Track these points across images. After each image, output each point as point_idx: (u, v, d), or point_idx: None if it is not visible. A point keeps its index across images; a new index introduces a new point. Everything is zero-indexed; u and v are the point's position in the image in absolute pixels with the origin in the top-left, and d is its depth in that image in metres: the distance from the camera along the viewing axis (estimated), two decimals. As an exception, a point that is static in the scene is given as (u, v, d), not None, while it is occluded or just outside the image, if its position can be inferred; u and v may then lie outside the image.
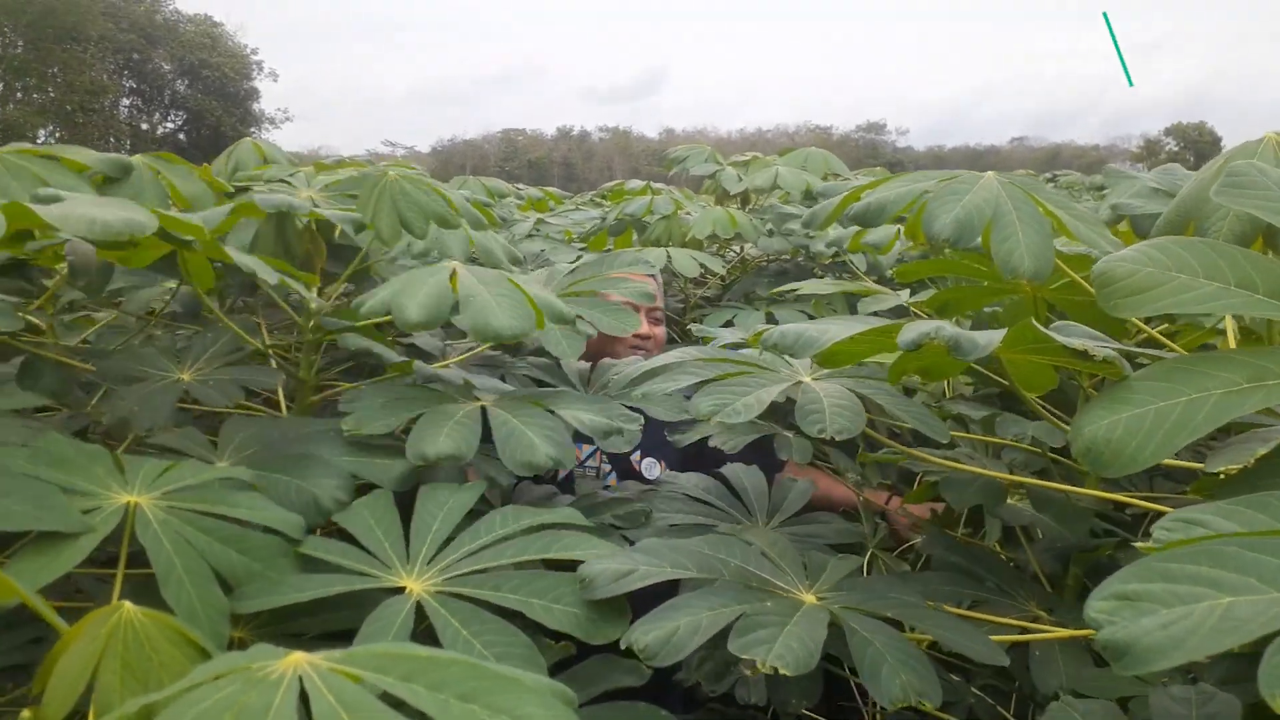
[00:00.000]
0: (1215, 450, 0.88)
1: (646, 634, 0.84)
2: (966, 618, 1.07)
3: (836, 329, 0.94)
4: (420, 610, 0.96)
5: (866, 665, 0.89)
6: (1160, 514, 1.41)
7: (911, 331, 0.85)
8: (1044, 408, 1.23)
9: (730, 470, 1.46)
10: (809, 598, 0.98)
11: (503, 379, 1.69)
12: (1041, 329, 0.85)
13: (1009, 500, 1.48)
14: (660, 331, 2.33)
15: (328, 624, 1.04)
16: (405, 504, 1.16)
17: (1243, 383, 0.75)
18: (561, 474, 2.11)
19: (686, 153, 3.74)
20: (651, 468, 2.23)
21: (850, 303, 2.70)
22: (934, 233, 1.02)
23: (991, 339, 0.84)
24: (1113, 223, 1.54)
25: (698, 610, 0.87)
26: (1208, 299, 0.81)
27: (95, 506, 0.94)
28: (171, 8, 48.91)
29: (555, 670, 0.96)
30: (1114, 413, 0.78)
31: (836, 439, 1.02)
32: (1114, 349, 0.86)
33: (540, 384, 1.77)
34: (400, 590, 1.00)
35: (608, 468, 2.18)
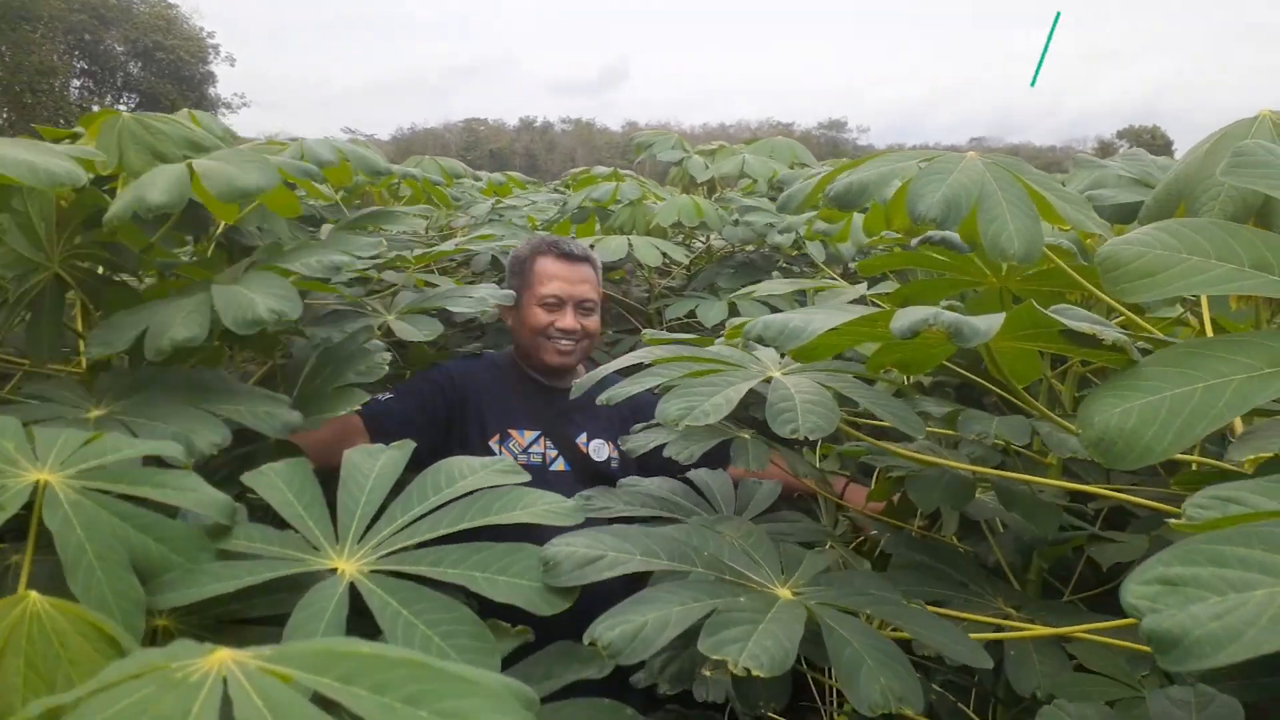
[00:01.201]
0: (1241, 439, 0.84)
1: (611, 629, 0.78)
2: (943, 616, 1.03)
3: (821, 318, 0.88)
4: (355, 592, 0.89)
5: (844, 666, 0.83)
6: (1126, 506, 1.40)
7: (906, 318, 0.80)
8: (1008, 398, 1.20)
9: (695, 474, 1.40)
10: (785, 592, 0.93)
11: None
12: (1045, 311, 0.80)
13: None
14: (592, 324, 2.24)
15: (262, 608, 0.96)
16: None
17: (1264, 367, 0.70)
18: None
19: (653, 139, 3.68)
20: (600, 449, 2.16)
21: (803, 301, 2.65)
22: (919, 213, 0.96)
23: (992, 323, 0.79)
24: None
25: (667, 604, 0.81)
26: (1222, 280, 0.77)
27: (0, 486, 0.86)
28: (125, -12, 47.68)
29: (511, 659, 0.90)
30: (1125, 400, 0.73)
31: (810, 439, 0.97)
32: (1120, 333, 0.82)
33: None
34: (332, 572, 0.93)
35: (554, 453, 2.11)
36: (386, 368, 1.51)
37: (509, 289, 2.20)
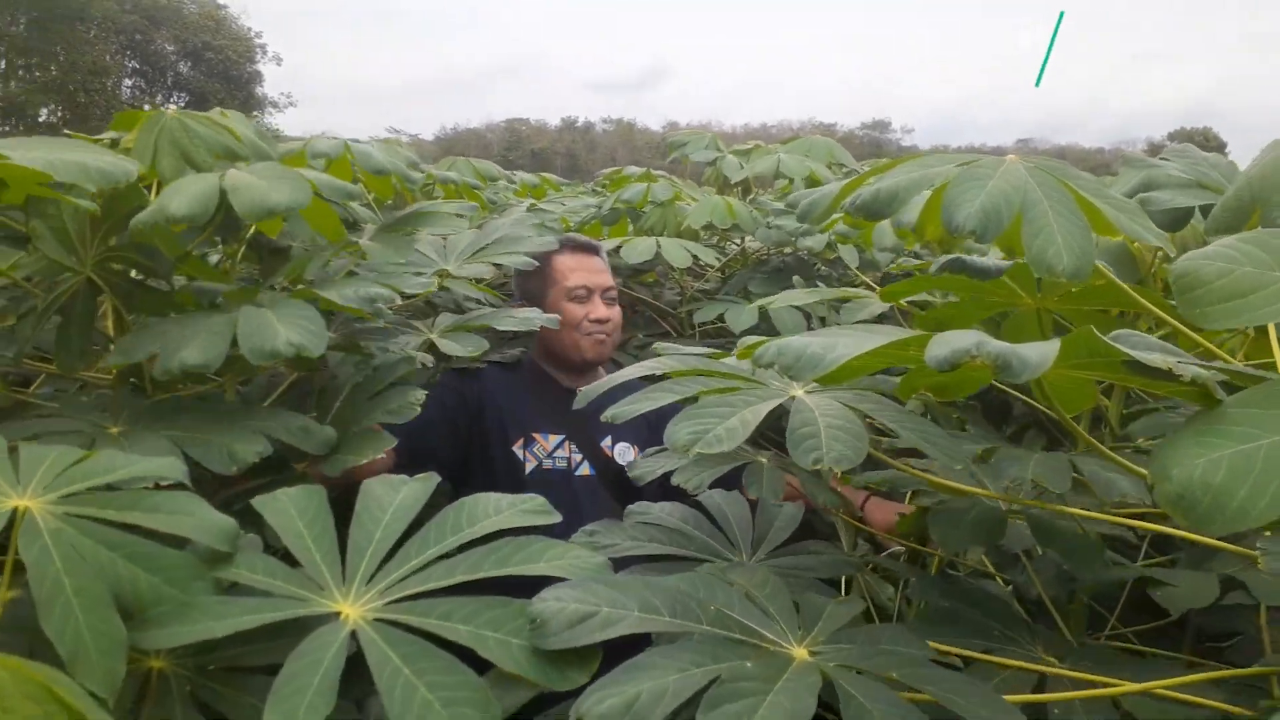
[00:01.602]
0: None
1: (601, 702, 0.70)
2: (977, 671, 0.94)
3: (846, 343, 0.79)
4: (357, 639, 0.83)
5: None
6: (1185, 540, 1.29)
7: (945, 347, 0.71)
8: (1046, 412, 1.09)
9: (709, 498, 1.30)
10: (800, 652, 0.84)
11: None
12: (1106, 340, 0.71)
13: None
14: (617, 313, 2.23)
15: (264, 655, 0.90)
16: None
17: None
18: (529, 468, 2.01)
19: (687, 138, 3.60)
20: (625, 453, 2.12)
21: (834, 308, 2.55)
22: (956, 224, 0.88)
23: (1045, 355, 0.69)
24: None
25: (664, 671, 0.72)
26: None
27: (-25, 512, 0.81)
28: (175, -11, 48.57)
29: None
30: (1211, 448, 0.63)
31: (836, 470, 0.88)
32: (1200, 366, 0.72)
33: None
34: (335, 616, 0.86)
35: (579, 457, 2.05)
36: (419, 409, 1.46)
37: (525, 294, 2.18)
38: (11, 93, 39.79)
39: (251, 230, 1.85)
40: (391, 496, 0.98)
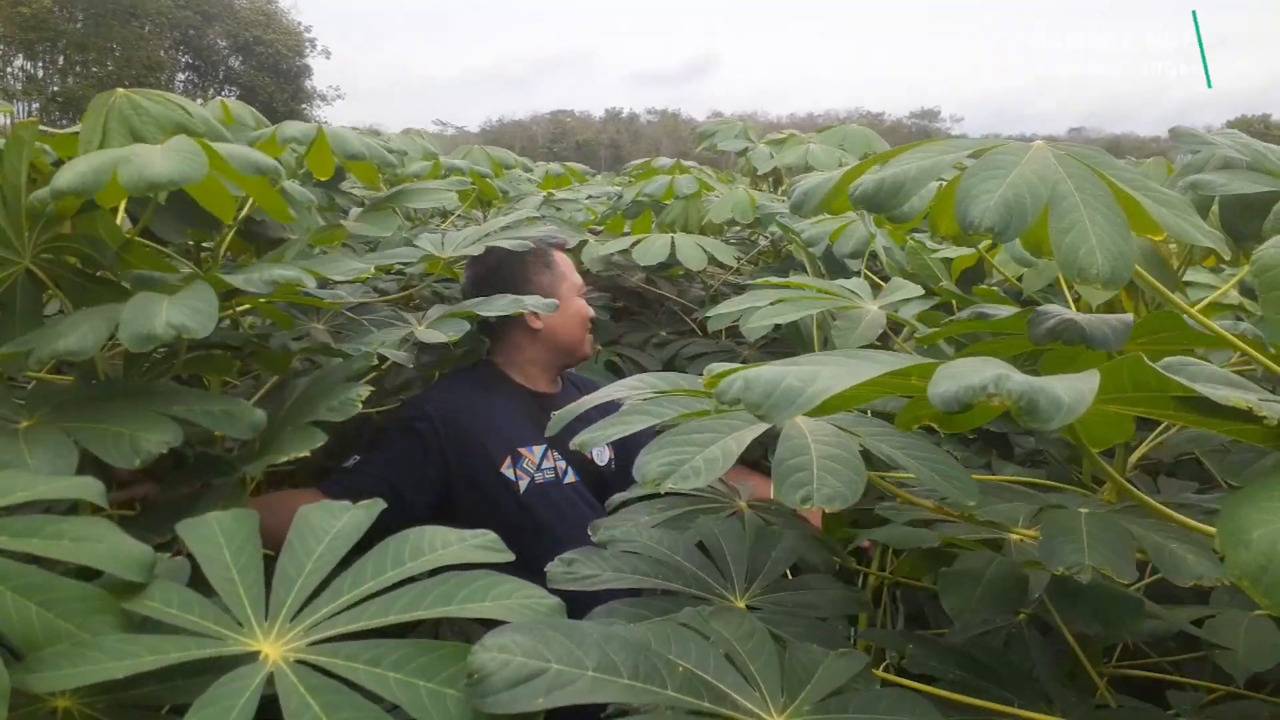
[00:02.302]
0: None
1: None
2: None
3: (829, 374, 0.66)
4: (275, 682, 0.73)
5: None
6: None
7: (953, 383, 0.58)
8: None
9: (702, 524, 1.18)
10: (777, 731, 0.71)
11: None
12: (1159, 370, 0.58)
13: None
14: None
15: (184, 693, 0.80)
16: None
17: None
18: (523, 486, 1.89)
19: (715, 128, 3.47)
20: (601, 453, 2.03)
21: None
22: (971, 220, 0.75)
23: (1081, 394, 0.57)
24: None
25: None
26: None
27: None
28: (228, -15, 49.43)
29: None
30: None
31: (827, 509, 0.76)
32: None
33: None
34: (254, 656, 0.76)
35: (564, 464, 1.94)
36: (359, 406, 1.32)
37: (538, 286, 2.03)
38: (69, 88, 40.80)
39: (244, 214, 1.77)
40: (329, 525, 0.88)
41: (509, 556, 0.86)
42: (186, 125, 1.40)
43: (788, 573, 1.17)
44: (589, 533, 1.36)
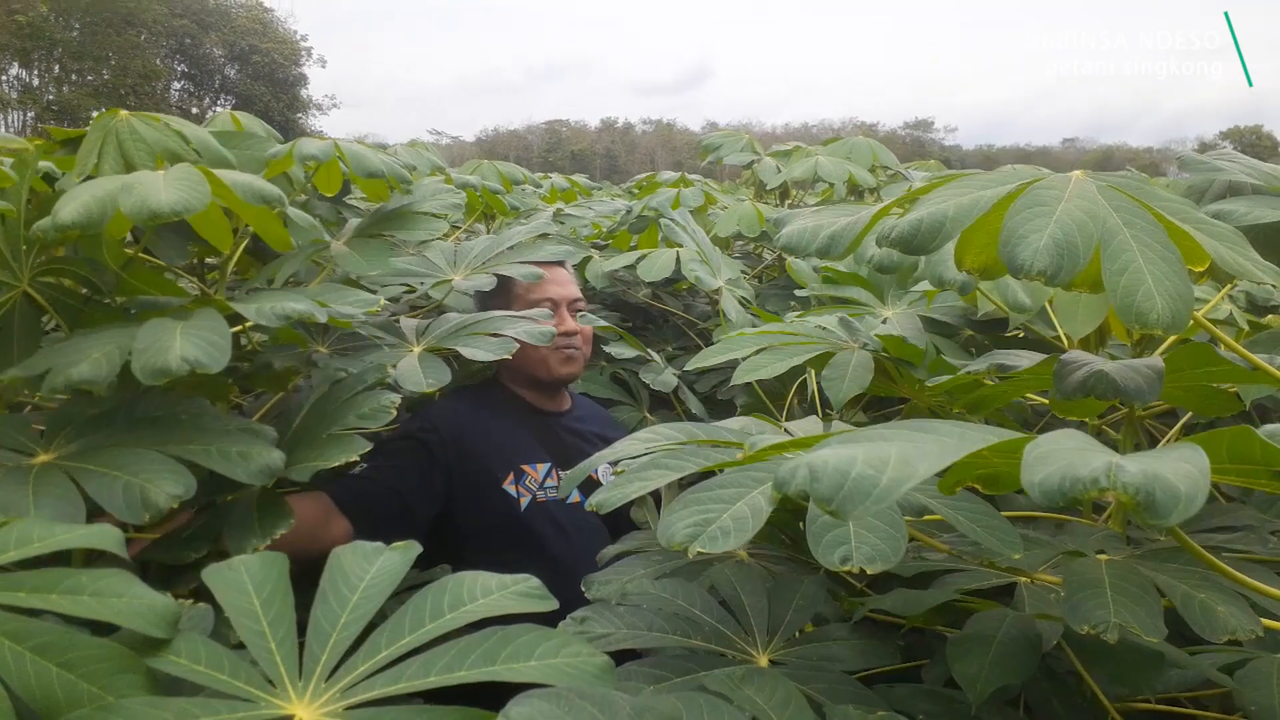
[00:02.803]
0: None
1: None
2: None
3: (900, 456, 0.57)
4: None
5: None
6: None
7: (1055, 473, 0.51)
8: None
9: (719, 573, 1.13)
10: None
11: None
12: (1270, 443, 0.54)
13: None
14: (587, 327, 2.09)
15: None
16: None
17: None
18: (524, 503, 1.87)
19: (721, 140, 3.44)
20: (606, 473, 1.95)
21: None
22: (1021, 262, 0.71)
23: (1197, 484, 0.51)
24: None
25: None
26: None
27: None
28: (224, -6, 49.48)
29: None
30: None
31: (869, 571, 0.73)
32: None
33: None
34: None
35: None
36: (394, 411, 1.32)
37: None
38: (64, 97, 40.75)
39: (246, 240, 1.75)
40: (363, 569, 0.84)
41: (552, 604, 0.83)
42: (178, 153, 1.38)
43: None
44: (596, 560, 1.34)
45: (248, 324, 1.54)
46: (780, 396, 2.08)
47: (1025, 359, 0.99)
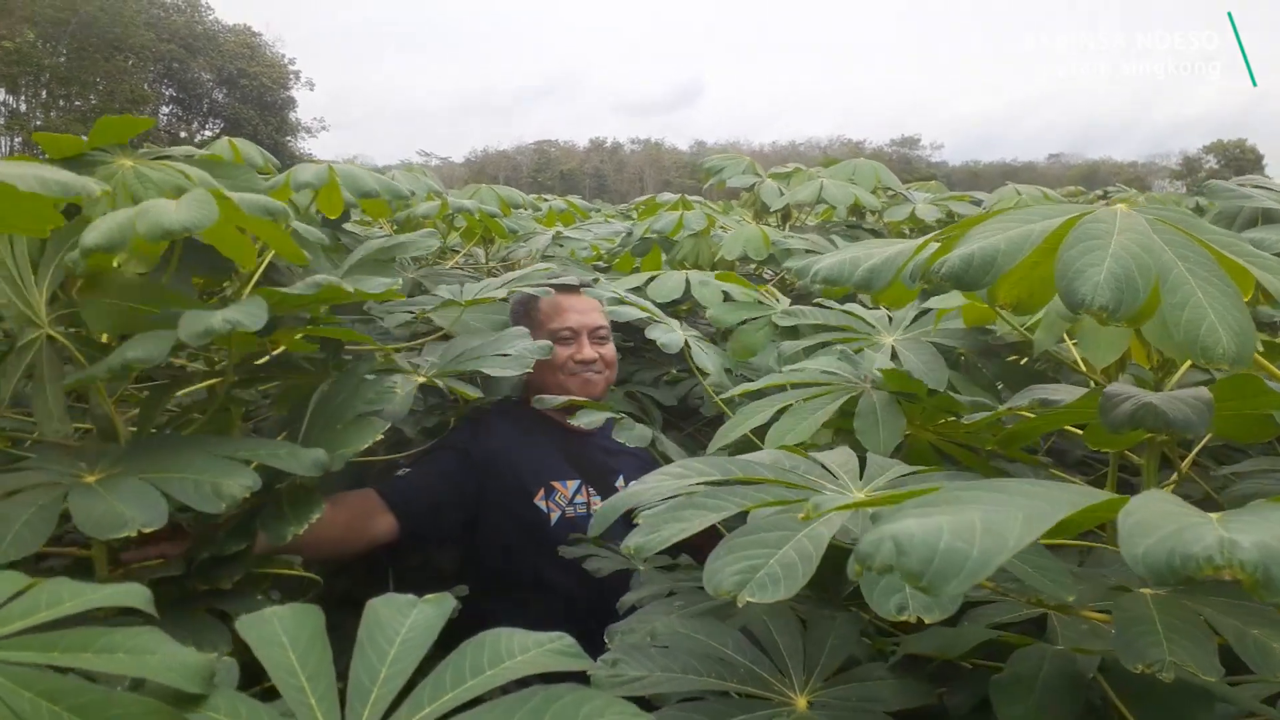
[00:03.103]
0: None
1: None
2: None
3: (985, 524, 0.54)
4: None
5: None
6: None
7: (1163, 549, 0.49)
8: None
9: (754, 613, 1.10)
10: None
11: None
12: None
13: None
14: (609, 352, 2.15)
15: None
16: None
17: None
18: (554, 519, 1.95)
19: (723, 163, 3.44)
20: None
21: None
22: (1081, 297, 0.70)
23: None
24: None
25: None
26: None
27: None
28: (212, 18, 49.64)
29: None
30: None
31: (926, 620, 0.71)
32: None
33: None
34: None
35: (598, 500, 2.00)
36: (398, 392, 1.42)
37: None
38: (51, 122, 40.73)
39: (263, 267, 1.74)
40: (399, 622, 0.83)
41: (588, 663, 0.81)
42: (184, 188, 1.43)
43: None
44: (616, 608, 1.33)
45: (281, 345, 1.57)
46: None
47: (1065, 393, 0.98)
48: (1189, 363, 1.36)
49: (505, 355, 1.70)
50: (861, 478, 0.98)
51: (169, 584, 1.28)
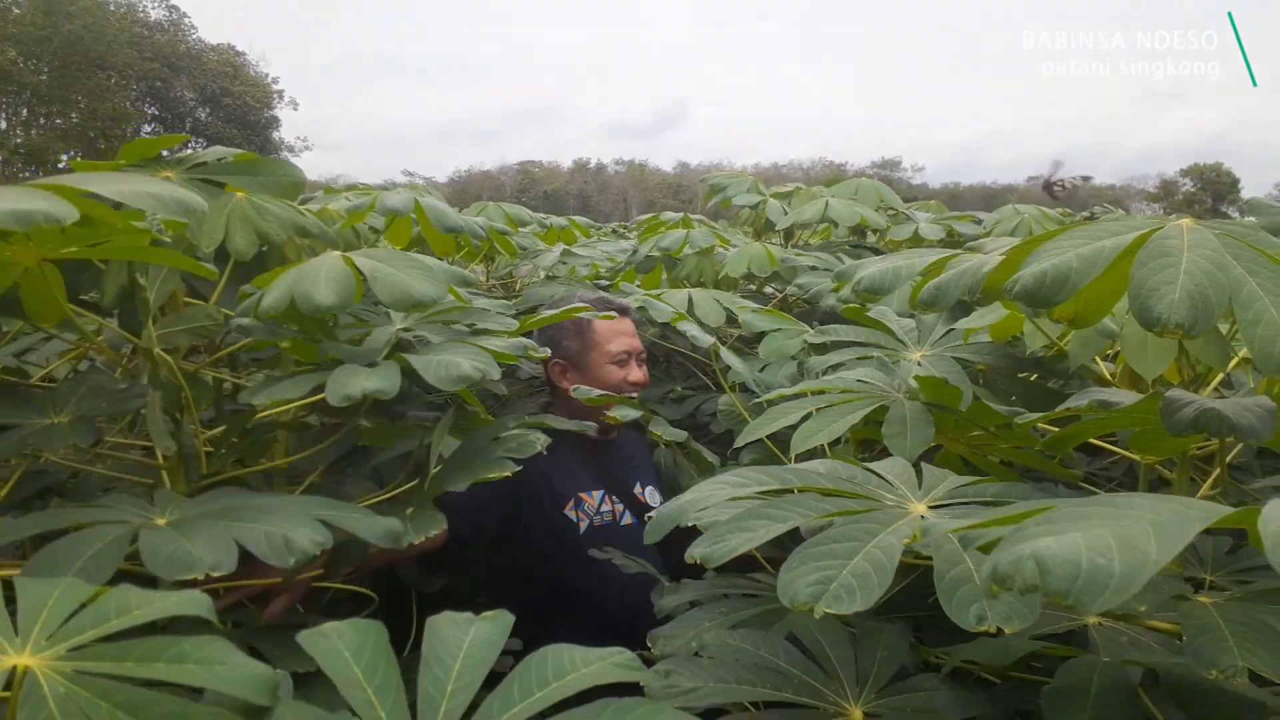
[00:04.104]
0: None
1: None
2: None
3: (1139, 536, 0.54)
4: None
5: None
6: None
7: None
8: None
9: (801, 624, 1.10)
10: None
11: None
12: None
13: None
14: (646, 374, 2.28)
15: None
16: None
17: None
18: (583, 528, 2.03)
19: (727, 181, 3.46)
20: (653, 495, 2.16)
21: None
22: (1158, 314, 0.70)
23: None
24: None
25: None
26: None
27: (-37, 676, 0.65)
28: (195, 37, 49.54)
29: None
30: None
31: (1006, 630, 0.70)
32: None
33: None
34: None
35: (620, 507, 2.09)
36: (540, 447, 1.48)
37: (560, 350, 2.20)
38: (33, 140, 40.47)
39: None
40: (460, 638, 0.82)
41: (646, 673, 0.81)
42: (306, 226, 1.51)
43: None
44: (654, 611, 1.34)
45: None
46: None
47: (1122, 397, 0.99)
48: (1220, 377, 1.37)
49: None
50: (920, 487, 0.97)
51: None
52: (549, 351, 1.58)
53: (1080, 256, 0.81)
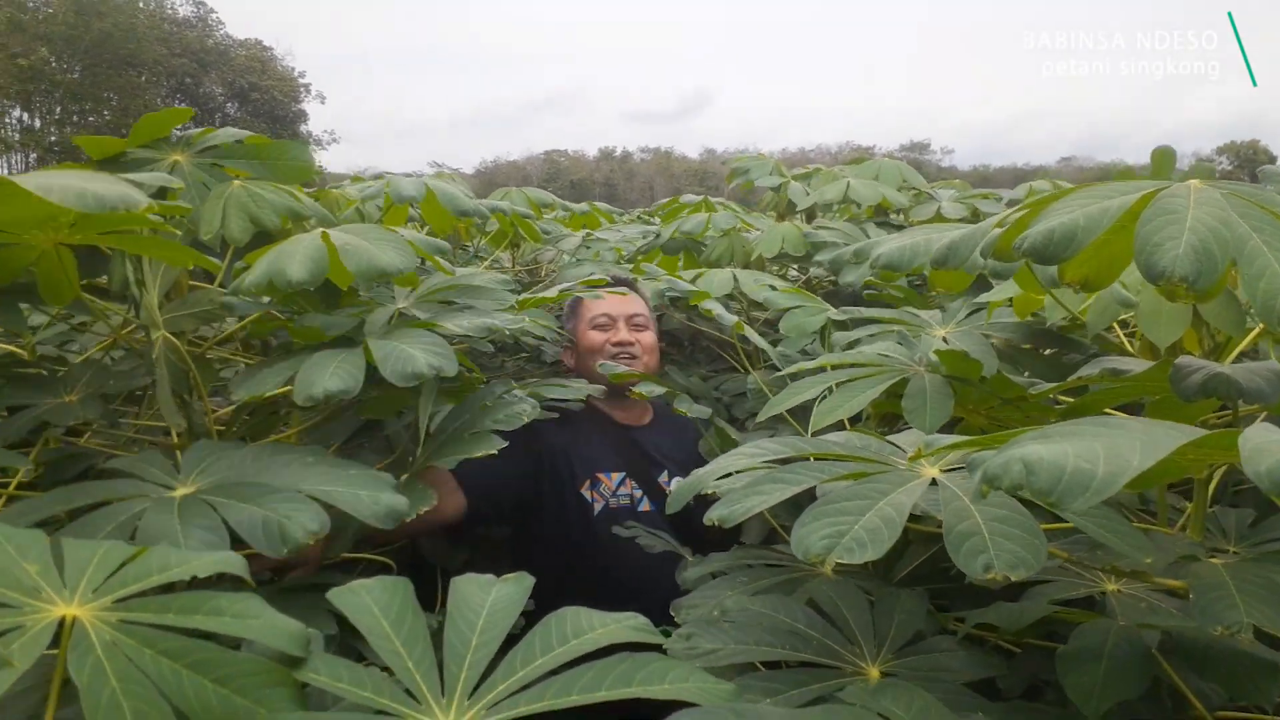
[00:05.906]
0: None
1: None
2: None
3: (1115, 448, 0.57)
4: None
5: None
6: None
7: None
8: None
9: (818, 589, 1.13)
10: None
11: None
12: None
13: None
14: (648, 339, 2.25)
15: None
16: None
17: None
18: (597, 509, 2.03)
19: (750, 164, 3.46)
20: (671, 484, 2.14)
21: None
22: (1162, 268, 0.72)
23: None
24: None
25: None
26: None
27: (16, 625, 0.69)
28: (223, 33, 50.07)
29: None
30: None
31: (1013, 578, 0.72)
32: None
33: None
34: (439, 739, 0.73)
35: (640, 493, 2.09)
36: (526, 418, 1.49)
37: (569, 331, 2.26)
38: (65, 137, 41.03)
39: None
40: (483, 597, 0.85)
41: (660, 639, 0.84)
42: (300, 210, 1.52)
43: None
44: (677, 577, 1.37)
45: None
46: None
47: (1134, 364, 1.00)
48: (1239, 347, 1.37)
49: (565, 386, 1.82)
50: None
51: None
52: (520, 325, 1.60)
53: (1086, 214, 0.82)
